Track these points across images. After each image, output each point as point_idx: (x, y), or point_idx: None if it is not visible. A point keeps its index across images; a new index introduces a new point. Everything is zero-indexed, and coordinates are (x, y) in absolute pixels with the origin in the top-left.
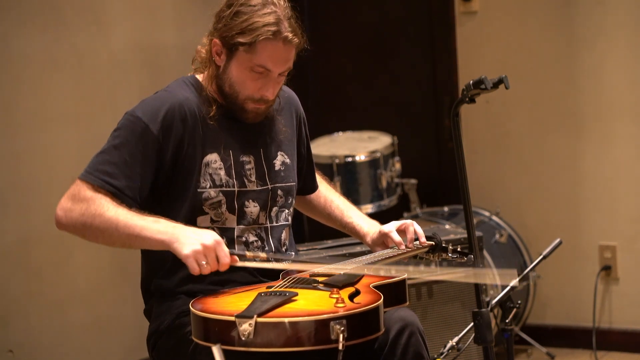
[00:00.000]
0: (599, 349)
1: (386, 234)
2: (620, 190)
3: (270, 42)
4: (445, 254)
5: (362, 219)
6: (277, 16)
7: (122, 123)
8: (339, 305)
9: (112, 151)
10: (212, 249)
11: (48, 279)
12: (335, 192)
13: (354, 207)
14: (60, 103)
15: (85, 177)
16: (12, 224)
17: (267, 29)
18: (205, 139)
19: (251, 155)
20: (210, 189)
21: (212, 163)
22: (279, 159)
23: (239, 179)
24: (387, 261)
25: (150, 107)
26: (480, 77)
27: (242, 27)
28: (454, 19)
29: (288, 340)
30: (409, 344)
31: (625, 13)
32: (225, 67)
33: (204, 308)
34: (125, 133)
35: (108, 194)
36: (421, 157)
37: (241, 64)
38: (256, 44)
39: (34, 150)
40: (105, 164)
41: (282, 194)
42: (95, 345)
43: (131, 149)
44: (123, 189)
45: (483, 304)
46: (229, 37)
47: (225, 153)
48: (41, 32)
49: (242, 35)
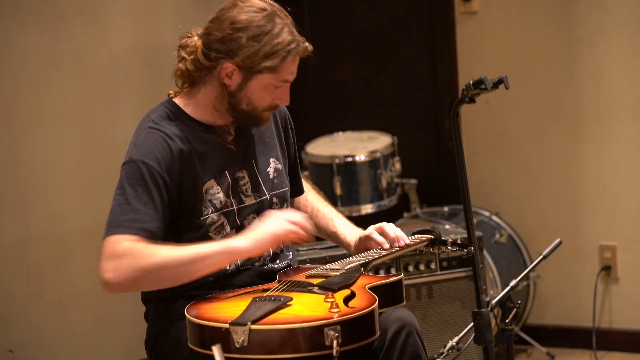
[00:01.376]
0: (599, 349)
1: (367, 236)
2: (620, 190)
3: (294, 58)
4: (445, 247)
5: (348, 227)
6: (289, 29)
7: (127, 172)
8: (334, 310)
9: (129, 198)
10: (291, 217)
11: (48, 279)
12: (323, 200)
13: (340, 215)
14: (60, 103)
15: (115, 231)
16: (11, 224)
17: (290, 47)
18: (201, 168)
19: (244, 170)
20: (212, 214)
21: (210, 189)
22: (271, 167)
23: (237, 197)
24: (390, 256)
25: (146, 149)
26: (480, 77)
27: (267, 52)
28: (454, 19)
29: (283, 346)
30: (406, 344)
31: (625, 13)
32: (242, 86)
33: (199, 314)
34: (134, 179)
35: (142, 239)
36: (421, 157)
37: (264, 83)
38: (283, 63)
39: (34, 150)
40: (128, 212)
41: (277, 201)
42: (95, 345)
43: (146, 192)
44: (154, 231)
45: (483, 304)
46: (254, 63)
47: (222, 175)
48: (41, 32)
49: (269, 59)
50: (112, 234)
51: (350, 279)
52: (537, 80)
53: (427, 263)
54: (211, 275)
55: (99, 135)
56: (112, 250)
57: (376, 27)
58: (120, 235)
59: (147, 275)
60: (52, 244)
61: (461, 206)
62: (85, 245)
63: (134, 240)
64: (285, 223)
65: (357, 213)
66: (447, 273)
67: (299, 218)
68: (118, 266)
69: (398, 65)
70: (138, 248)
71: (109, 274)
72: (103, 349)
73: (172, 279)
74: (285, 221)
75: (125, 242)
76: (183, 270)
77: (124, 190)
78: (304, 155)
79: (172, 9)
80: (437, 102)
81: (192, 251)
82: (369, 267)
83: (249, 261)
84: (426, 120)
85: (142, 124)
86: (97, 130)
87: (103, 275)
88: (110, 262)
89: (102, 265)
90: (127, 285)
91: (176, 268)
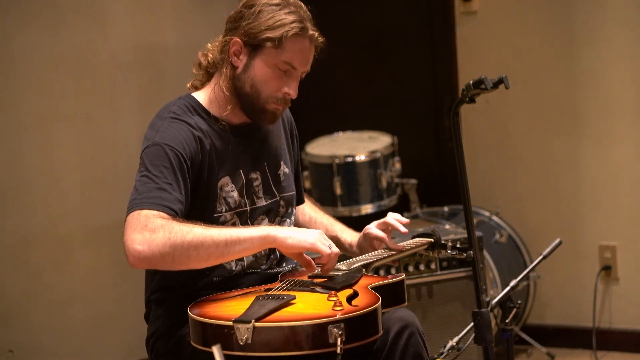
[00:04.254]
0: (599, 349)
1: (368, 233)
2: (620, 190)
3: (299, 39)
4: (445, 251)
5: (346, 232)
6: (300, 15)
7: (151, 154)
8: (337, 309)
9: (155, 179)
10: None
11: (48, 279)
12: (319, 210)
13: (338, 222)
14: (60, 103)
15: (142, 206)
16: (12, 224)
17: (294, 25)
18: (217, 163)
19: (258, 171)
20: (226, 212)
21: (225, 186)
22: (281, 170)
23: (250, 198)
24: (390, 259)
25: (171, 135)
26: (480, 77)
27: (269, 24)
28: (454, 19)
29: (286, 344)
30: (408, 344)
31: (625, 13)
32: (247, 66)
33: (202, 312)
34: (159, 161)
35: (172, 218)
36: (421, 157)
37: (267, 61)
38: (285, 39)
39: (34, 150)
40: (154, 190)
41: (283, 204)
42: (95, 345)
43: (171, 174)
44: (179, 212)
45: (483, 304)
46: (256, 34)
47: (236, 174)
48: (41, 32)
49: (270, 30)
50: (140, 209)
51: (353, 278)
52: (537, 80)
53: (427, 263)
54: (216, 276)
55: (99, 135)
56: (145, 224)
57: (376, 27)
58: (149, 210)
59: (179, 251)
60: (52, 244)
61: (461, 206)
62: (85, 245)
63: (165, 218)
64: (321, 237)
65: (357, 213)
66: (447, 273)
67: (331, 242)
68: (151, 239)
69: (398, 65)
70: (172, 224)
71: (140, 245)
72: (103, 349)
73: (203, 259)
74: (321, 236)
75: (158, 217)
76: (215, 250)
77: (148, 171)
78: (304, 155)
79: (172, 9)
80: (437, 102)
81: (228, 233)
82: (370, 268)
83: (255, 264)
84: (426, 120)
85: (160, 115)
86: (97, 130)
87: (133, 245)
88: (141, 234)
89: (131, 236)
90: (156, 260)
91: (209, 248)
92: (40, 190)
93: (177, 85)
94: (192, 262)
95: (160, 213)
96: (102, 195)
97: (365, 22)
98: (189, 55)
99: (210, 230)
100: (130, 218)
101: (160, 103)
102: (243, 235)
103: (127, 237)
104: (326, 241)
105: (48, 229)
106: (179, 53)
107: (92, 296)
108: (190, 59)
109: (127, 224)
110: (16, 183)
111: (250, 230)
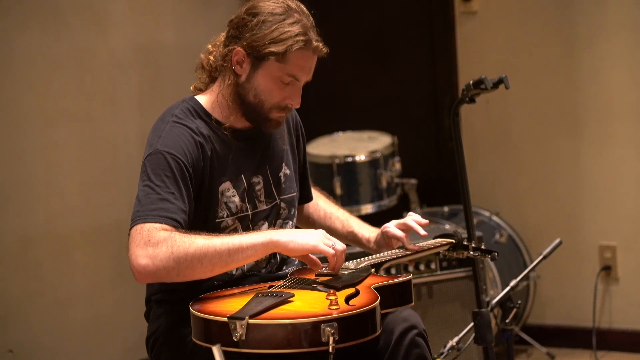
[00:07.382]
0: (599, 349)
1: (387, 232)
2: (620, 190)
3: (303, 52)
4: (467, 252)
5: (363, 227)
6: (303, 25)
7: (153, 163)
8: (333, 307)
9: (157, 189)
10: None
11: (48, 279)
12: (334, 205)
13: (353, 217)
14: (60, 103)
15: (145, 219)
16: (12, 224)
17: (298, 38)
18: (218, 168)
19: (260, 175)
20: (227, 217)
21: (226, 191)
22: (282, 172)
23: (252, 202)
24: (405, 259)
25: (173, 141)
26: (480, 77)
27: (273, 37)
28: (454, 19)
29: (280, 342)
30: (412, 345)
31: (625, 13)
32: (250, 76)
33: (202, 308)
34: (161, 170)
35: (174, 229)
36: (421, 157)
37: (270, 73)
38: (289, 53)
39: (34, 150)
40: (156, 202)
41: (284, 206)
42: (95, 345)
43: (173, 183)
44: (181, 222)
45: (483, 304)
46: (259, 47)
47: (238, 178)
48: (41, 32)
49: (274, 44)
50: (142, 222)
51: (357, 278)
52: (537, 80)
53: (427, 263)
54: (217, 280)
55: (99, 135)
56: (148, 238)
57: (376, 27)
58: (152, 223)
59: (184, 265)
60: (52, 244)
61: (461, 206)
62: (85, 245)
63: (168, 230)
64: (323, 238)
65: (357, 213)
66: (447, 273)
67: (335, 240)
68: (154, 254)
69: (398, 65)
70: (175, 236)
71: (145, 260)
72: (103, 349)
73: (208, 270)
74: (323, 236)
75: (161, 230)
76: (219, 261)
77: (150, 180)
78: None
79: (172, 9)
80: (437, 102)
81: (230, 242)
82: (382, 267)
83: (256, 267)
84: (426, 120)
85: (163, 118)
86: (97, 130)
87: (137, 260)
88: (145, 249)
89: (135, 251)
90: (162, 274)
91: (212, 259)
92: (40, 190)
93: (177, 85)
94: (198, 274)
95: (163, 225)
96: (102, 195)
97: (365, 22)
98: (189, 55)
99: (212, 240)
100: (134, 232)
101: (160, 103)
102: (246, 243)
103: (131, 252)
104: (329, 240)
105: (48, 229)
106: (179, 53)
107: (92, 296)
108: (190, 59)
109: (131, 239)
110: (16, 183)
111: (252, 237)
